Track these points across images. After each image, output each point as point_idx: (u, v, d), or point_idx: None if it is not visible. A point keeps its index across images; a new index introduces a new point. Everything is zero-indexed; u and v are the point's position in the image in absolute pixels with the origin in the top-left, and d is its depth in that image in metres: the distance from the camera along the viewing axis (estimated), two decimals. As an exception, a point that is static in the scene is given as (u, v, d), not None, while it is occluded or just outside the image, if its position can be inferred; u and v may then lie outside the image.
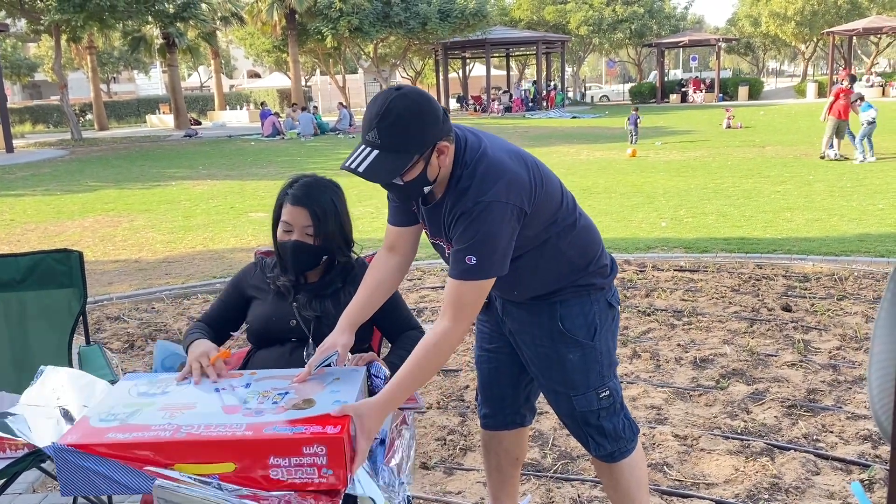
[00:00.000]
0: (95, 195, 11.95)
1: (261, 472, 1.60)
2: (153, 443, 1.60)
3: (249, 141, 22.79)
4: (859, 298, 5.02)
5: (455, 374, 4.04)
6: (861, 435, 3.17)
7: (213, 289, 5.95)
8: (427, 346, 1.84)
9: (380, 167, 1.76)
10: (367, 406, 1.73)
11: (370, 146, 1.77)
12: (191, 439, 1.60)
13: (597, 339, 2.08)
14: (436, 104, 1.82)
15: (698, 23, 55.48)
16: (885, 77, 36.49)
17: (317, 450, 1.59)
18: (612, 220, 8.20)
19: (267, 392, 1.82)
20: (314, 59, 39.26)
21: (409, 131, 1.76)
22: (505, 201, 1.83)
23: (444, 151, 1.84)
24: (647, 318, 4.79)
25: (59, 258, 2.81)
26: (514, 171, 1.88)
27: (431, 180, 1.87)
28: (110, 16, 23.73)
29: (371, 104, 1.80)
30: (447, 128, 1.84)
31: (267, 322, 2.27)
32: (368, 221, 8.70)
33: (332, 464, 1.59)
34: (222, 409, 1.74)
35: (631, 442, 2.18)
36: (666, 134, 19.49)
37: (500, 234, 1.83)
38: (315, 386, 1.85)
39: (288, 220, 2.23)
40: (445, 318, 1.86)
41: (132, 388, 1.88)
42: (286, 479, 1.60)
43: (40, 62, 45.86)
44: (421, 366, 1.83)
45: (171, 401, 1.80)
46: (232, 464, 1.59)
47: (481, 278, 1.85)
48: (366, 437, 1.69)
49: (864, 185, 9.90)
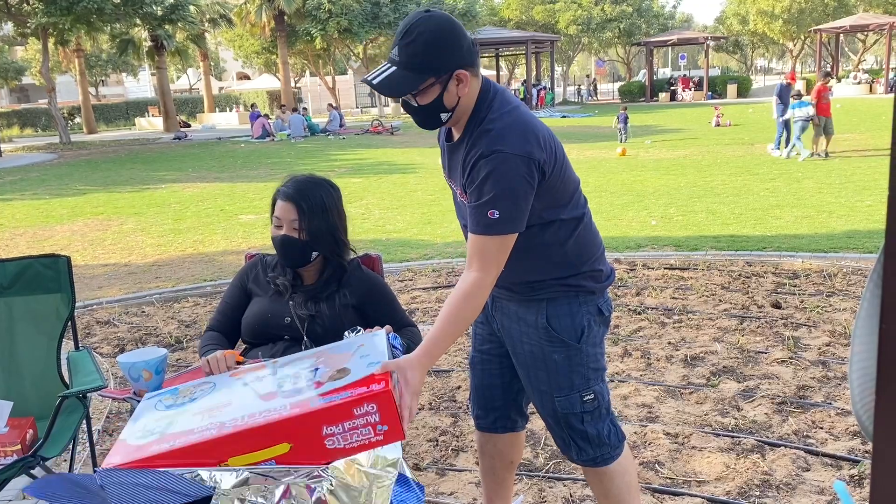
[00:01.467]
0: (84, 199, 11.89)
1: (317, 445, 1.57)
2: (201, 443, 1.55)
3: (239, 143, 22.72)
4: (848, 295, 5.05)
5: (447, 374, 4.04)
6: (851, 431, 3.18)
7: (203, 292, 5.93)
8: (458, 296, 1.84)
9: (394, 82, 1.82)
10: (407, 361, 1.72)
11: (391, 63, 1.84)
12: (238, 431, 1.56)
13: (583, 342, 2.06)
14: (461, 33, 1.86)
15: (687, 21, 55.73)
16: (872, 74, 36.72)
17: (368, 408, 1.57)
18: (603, 219, 8.22)
19: (297, 373, 1.79)
20: (303, 61, 39.21)
21: (427, 52, 1.80)
22: (528, 157, 1.84)
23: (463, 80, 1.86)
24: (638, 317, 4.81)
25: (46, 263, 2.80)
26: (542, 130, 1.90)
27: (449, 109, 1.89)
28: (98, 18, 23.61)
29: (401, 24, 1.86)
30: (471, 60, 1.87)
31: (263, 318, 2.30)
32: (360, 222, 8.69)
33: (385, 419, 1.58)
34: (260, 399, 1.70)
35: (616, 449, 2.15)
36: (655, 132, 19.55)
37: (520, 189, 1.84)
38: (343, 357, 1.82)
39: (278, 215, 2.28)
40: (472, 269, 1.86)
41: (157, 403, 1.83)
42: (343, 445, 1.57)
43: (28, 65, 45.59)
44: (455, 315, 1.82)
45: (204, 405, 1.75)
46: (286, 444, 1.56)
47: (504, 232, 1.85)
48: (410, 392, 1.67)
49: (852, 181, 9.96)
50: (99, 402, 3.88)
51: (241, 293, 2.41)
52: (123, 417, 3.69)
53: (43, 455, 2.36)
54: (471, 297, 1.85)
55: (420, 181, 12.27)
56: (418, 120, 1.96)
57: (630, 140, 16.86)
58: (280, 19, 31.14)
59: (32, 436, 2.50)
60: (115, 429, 3.61)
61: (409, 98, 1.88)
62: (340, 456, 1.58)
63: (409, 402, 1.66)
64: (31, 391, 2.78)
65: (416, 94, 1.86)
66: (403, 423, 1.62)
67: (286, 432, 1.56)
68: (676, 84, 38.57)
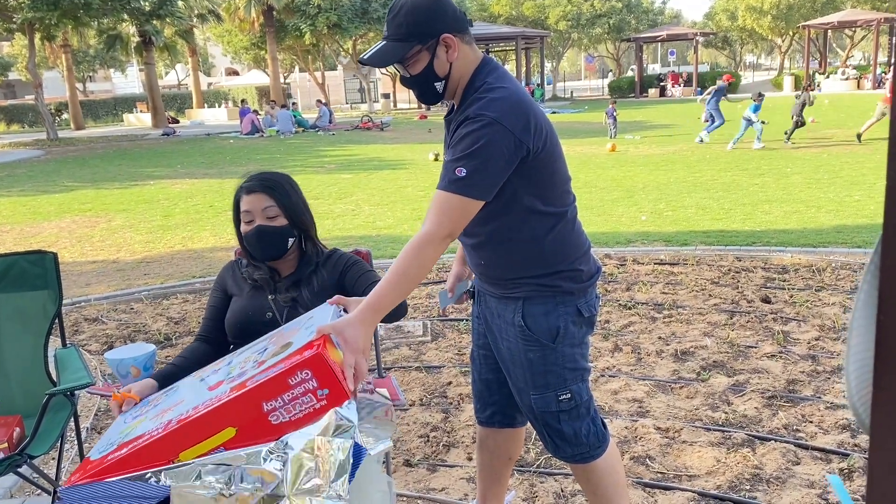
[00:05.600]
0: (72, 195, 11.81)
1: (262, 423, 1.54)
2: (151, 444, 1.55)
3: (228, 139, 22.63)
4: (837, 289, 5.07)
5: (437, 370, 4.03)
6: (840, 424, 3.20)
7: (192, 288, 5.90)
8: (407, 249, 1.79)
9: (382, 53, 1.89)
10: (344, 320, 1.67)
11: (383, 39, 1.92)
12: (182, 425, 1.55)
13: (558, 343, 2.03)
14: (446, 1, 1.91)
15: (676, 17, 55.88)
16: (860, 70, 36.92)
17: (302, 375, 1.53)
18: (593, 214, 8.23)
19: (247, 358, 1.78)
20: (293, 56, 39.07)
21: (410, 20, 1.87)
22: (510, 129, 1.82)
23: (450, 45, 1.89)
24: (628, 312, 4.81)
25: (33, 260, 2.77)
26: (536, 113, 1.89)
27: (441, 76, 1.92)
28: (85, 14, 23.44)
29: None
30: (457, 26, 1.91)
31: (243, 315, 2.27)
32: (350, 219, 8.67)
33: (323, 383, 1.54)
34: (208, 390, 1.70)
35: (596, 448, 2.13)
36: (645, 128, 19.59)
37: (495, 156, 1.81)
38: (290, 333, 1.79)
39: (247, 208, 2.22)
40: (427, 223, 1.82)
41: (127, 416, 1.84)
42: (288, 417, 1.54)
43: (14, 61, 45.22)
44: (402, 268, 1.77)
45: (161, 407, 1.76)
46: (231, 429, 1.54)
47: (466, 194, 1.81)
48: (351, 350, 1.62)
49: (840, 176, 10.01)
50: (87, 400, 3.86)
51: (222, 296, 2.38)
52: (112, 416, 3.66)
53: (30, 453, 2.34)
54: (418, 250, 1.79)
55: (410, 177, 12.25)
56: (417, 93, 1.99)
57: (618, 136, 16.89)
58: (269, 14, 31.01)
59: (19, 434, 2.47)
60: (103, 427, 3.58)
61: (402, 70, 1.93)
62: (289, 429, 1.54)
63: (351, 361, 1.61)
64: (17, 389, 2.76)
65: (407, 63, 1.90)
66: (346, 384, 1.57)
67: (228, 417, 1.54)
68: (666, 80, 38.70)
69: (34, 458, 2.36)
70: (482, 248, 2.00)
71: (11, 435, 2.42)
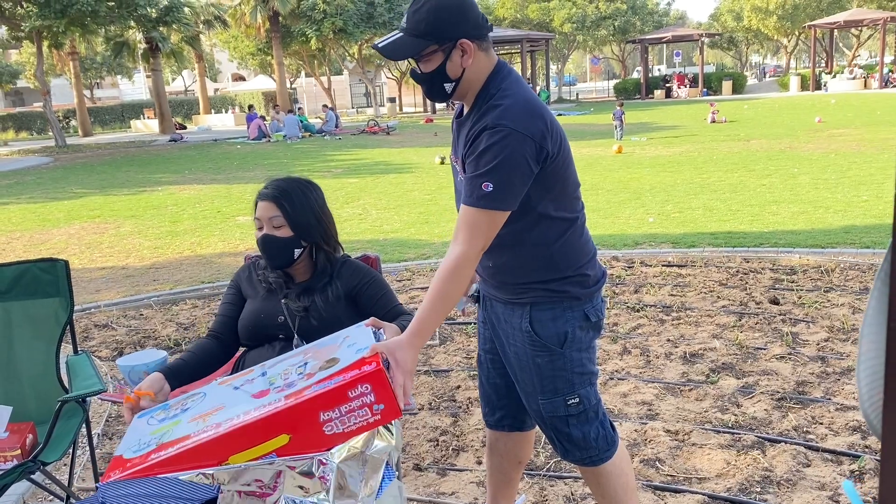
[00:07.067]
0: (81, 202, 11.87)
1: (316, 433, 1.57)
2: (200, 446, 1.55)
3: (235, 144, 22.69)
4: (846, 290, 5.05)
5: (446, 374, 4.03)
6: (850, 426, 3.19)
7: (201, 294, 5.92)
8: (443, 272, 1.84)
9: (397, 46, 1.89)
10: (395, 342, 1.74)
11: (399, 31, 1.92)
12: (235, 428, 1.56)
13: (566, 348, 2.03)
14: (470, 5, 1.90)
15: (681, 18, 55.77)
16: (867, 69, 36.78)
17: (362, 389, 1.57)
18: (600, 216, 8.22)
19: (287, 370, 1.79)
20: (299, 61, 39.18)
21: (431, 19, 1.86)
22: (531, 136, 1.83)
23: (467, 51, 1.88)
24: (637, 314, 4.81)
25: (44, 267, 2.79)
26: (551, 119, 1.90)
27: (452, 79, 1.92)
28: (92, 21, 23.56)
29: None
30: (477, 32, 1.90)
31: (256, 318, 2.30)
32: (357, 223, 8.69)
33: (380, 398, 1.58)
34: (252, 397, 1.70)
35: (605, 452, 2.14)
36: (651, 129, 19.56)
37: (518, 166, 1.83)
38: (330, 349, 1.83)
39: (258, 215, 2.27)
40: (458, 242, 1.85)
41: (149, 420, 1.83)
42: (343, 429, 1.58)
43: (22, 69, 45.48)
44: (442, 292, 1.82)
45: (197, 412, 1.75)
46: (285, 436, 1.56)
47: (495, 208, 1.84)
48: (402, 371, 1.68)
49: (847, 176, 9.98)
50: (98, 406, 3.88)
51: (237, 296, 2.41)
52: (123, 421, 3.68)
53: (43, 460, 2.36)
54: (456, 272, 1.83)
55: (417, 181, 12.27)
56: (425, 89, 1.99)
57: (625, 138, 16.88)
58: (275, 20, 31.10)
59: (32, 440, 2.49)
60: (114, 432, 3.60)
61: (414, 66, 1.94)
62: (340, 441, 1.58)
63: (401, 381, 1.67)
64: (30, 396, 2.78)
65: (420, 60, 1.90)
66: (399, 402, 1.62)
67: (284, 424, 1.56)
68: (671, 81, 38.63)
69: (47, 464, 2.37)
70: (492, 252, 2.01)
71: (24, 441, 2.44)
